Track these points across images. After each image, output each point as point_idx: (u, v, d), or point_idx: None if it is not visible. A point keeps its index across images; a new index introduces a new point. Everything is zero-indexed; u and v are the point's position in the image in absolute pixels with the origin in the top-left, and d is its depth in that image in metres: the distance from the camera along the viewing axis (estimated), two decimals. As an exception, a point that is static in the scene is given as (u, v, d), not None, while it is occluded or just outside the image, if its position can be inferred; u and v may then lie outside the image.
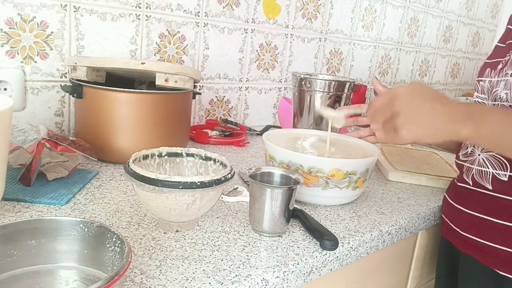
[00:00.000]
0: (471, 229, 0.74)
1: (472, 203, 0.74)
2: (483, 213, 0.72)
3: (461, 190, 0.78)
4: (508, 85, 0.68)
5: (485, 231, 0.71)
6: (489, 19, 2.44)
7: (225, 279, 0.52)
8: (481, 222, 0.72)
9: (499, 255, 0.69)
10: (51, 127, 1.02)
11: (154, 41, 1.14)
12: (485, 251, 0.71)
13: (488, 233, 0.71)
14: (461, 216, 0.76)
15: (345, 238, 0.67)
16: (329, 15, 1.58)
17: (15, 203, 0.66)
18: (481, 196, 0.72)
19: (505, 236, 0.68)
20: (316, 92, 1.04)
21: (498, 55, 0.75)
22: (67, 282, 0.48)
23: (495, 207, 0.70)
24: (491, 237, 0.70)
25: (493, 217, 0.70)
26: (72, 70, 0.88)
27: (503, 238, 0.68)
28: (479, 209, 0.73)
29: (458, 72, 2.39)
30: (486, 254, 0.71)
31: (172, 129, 0.92)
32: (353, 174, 0.75)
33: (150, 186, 0.56)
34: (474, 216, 0.73)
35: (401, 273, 0.91)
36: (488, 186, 0.71)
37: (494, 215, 0.70)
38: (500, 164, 0.69)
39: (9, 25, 0.92)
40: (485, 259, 0.71)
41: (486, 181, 0.71)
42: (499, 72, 0.71)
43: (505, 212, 0.68)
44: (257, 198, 0.64)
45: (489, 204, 0.71)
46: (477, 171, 0.73)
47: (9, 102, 0.56)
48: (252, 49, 1.38)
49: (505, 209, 0.69)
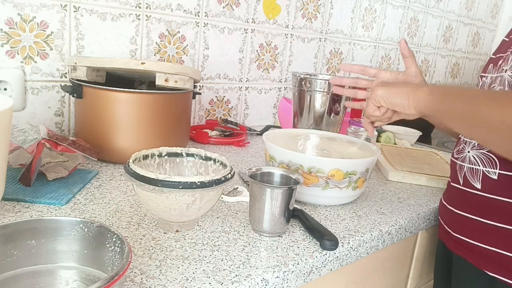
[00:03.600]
0: (462, 230, 0.73)
1: (462, 203, 0.73)
2: (473, 214, 0.71)
3: (452, 190, 0.77)
4: (503, 81, 0.67)
5: (476, 232, 0.70)
6: (489, 19, 2.44)
7: (225, 279, 0.52)
8: (472, 223, 0.71)
9: (490, 257, 0.68)
10: (51, 127, 1.02)
11: (154, 41, 1.14)
12: (476, 252, 0.70)
13: (479, 234, 0.70)
14: (453, 218, 0.75)
15: (345, 238, 0.67)
16: (329, 15, 1.58)
17: (15, 203, 0.66)
18: (470, 196, 0.71)
19: (496, 238, 0.67)
20: (316, 92, 1.04)
21: (501, 50, 0.74)
22: (67, 282, 0.48)
23: (485, 208, 0.69)
24: (481, 238, 0.69)
25: (483, 217, 0.69)
26: (72, 70, 0.88)
27: (493, 239, 0.67)
28: (469, 209, 0.72)
29: (458, 72, 2.39)
30: (477, 256, 0.70)
31: (172, 129, 0.92)
32: (353, 174, 0.75)
33: (150, 186, 0.56)
34: (465, 217, 0.72)
35: (401, 273, 0.91)
36: (478, 185, 0.70)
37: (484, 215, 0.69)
38: (489, 161, 0.68)
39: (9, 25, 0.92)
40: (477, 261, 0.70)
41: (477, 179, 0.70)
42: (498, 67, 0.71)
43: (495, 212, 0.67)
44: (257, 198, 0.64)
45: (479, 205, 0.70)
46: (468, 169, 0.72)
47: (9, 102, 0.56)
48: (252, 49, 1.38)
49: (494, 210, 0.67)
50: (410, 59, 0.85)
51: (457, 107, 0.61)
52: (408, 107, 0.71)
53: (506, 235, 0.66)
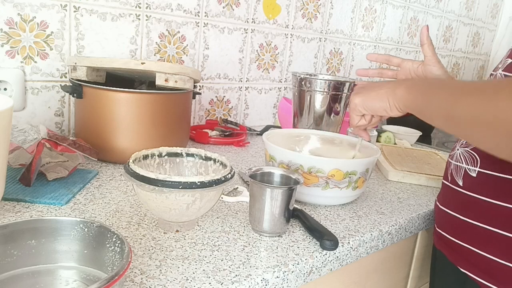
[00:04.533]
0: (444, 226, 0.73)
1: (448, 200, 0.73)
2: (453, 210, 0.71)
3: (443, 187, 0.77)
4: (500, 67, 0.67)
5: (455, 229, 0.70)
6: (489, 19, 2.44)
7: (225, 279, 0.52)
8: (452, 219, 0.71)
9: (463, 253, 0.68)
10: (51, 127, 1.02)
11: (154, 41, 1.14)
12: (454, 248, 0.70)
13: (457, 231, 0.70)
14: (440, 214, 0.76)
15: (345, 238, 0.67)
16: (329, 15, 1.58)
17: (15, 203, 0.66)
18: (454, 193, 0.71)
19: (470, 235, 0.67)
20: (316, 92, 1.04)
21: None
22: (67, 282, 0.48)
23: (464, 205, 0.69)
24: (458, 235, 0.69)
25: (461, 215, 0.69)
26: (72, 70, 0.88)
27: (467, 236, 0.67)
28: (451, 206, 0.72)
29: (458, 72, 2.39)
30: (452, 251, 0.70)
31: (172, 129, 0.92)
32: (353, 174, 0.75)
33: (150, 186, 0.56)
34: (447, 213, 0.72)
35: (401, 273, 0.91)
36: (460, 182, 0.70)
37: (463, 213, 0.68)
38: (472, 159, 0.68)
39: (9, 25, 0.92)
40: (453, 256, 0.71)
41: (459, 177, 0.70)
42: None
43: (472, 210, 0.67)
44: (257, 198, 0.64)
45: (459, 202, 0.70)
46: (454, 167, 0.72)
47: (9, 102, 0.56)
48: (252, 49, 1.38)
49: (472, 207, 0.67)
50: (427, 47, 0.85)
51: (438, 102, 0.56)
52: (390, 109, 0.68)
53: (480, 234, 0.65)
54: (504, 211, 0.62)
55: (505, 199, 0.62)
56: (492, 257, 0.63)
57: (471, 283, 0.66)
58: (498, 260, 0.62)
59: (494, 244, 0.63)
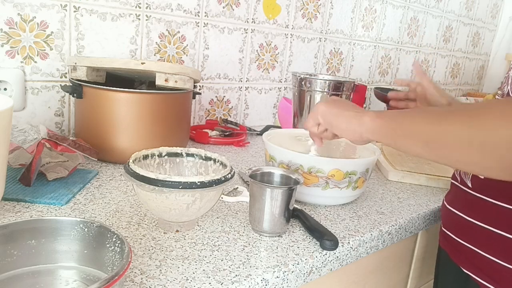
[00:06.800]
0: (450, 226, 0.73)
1: (454, 200, 0.74)
2: (459, 211, 0.71)
3: (451, 187, 0.77)
4: (509, 79, 0.67)
5: (460, 229, 0.70)
6: (489, 19, 2.44)
7: (225, 279, 0.52)
8: (458, 219, 0.70)
9: (466, 254, 0.68)
10: (51, 127, 1.02)
11: (154, 41, 1.14)
12: (456, 247, 0.70)
13: (462, 230, 0.70)
14: (447, 214, 0.75)
15: (345, 238, 0.67)
16: (329, 15, 1.58)
17: (15, 203, 0.66)
18: (462, 194, 0.71)
19: (474, 235, 0.67)
20: (316, 92, 1.04)
21: None
22: (67, 282, 0.48)
23: (471, 205, 0.69)
24: (462, 234, 0.69)
25: (467, 215, 0.68)
26: (72, 70, 0.88)
27: (471, 237, 0.67)
28: (458, 206, 0.72)
29: (458, 72, 2.39)
30: (456, 251, 0.71)
31: (172, 129, 0.92)
32: (353, 174, 0.75)
33: (150, 186, 0.56)
34: (454, 213, 0.72)
35: (401, 273, 0.91)
36: (469, 183, 0.70)
37: (469, 213, 0.68)
38: None
39: (9, 25, 0.92)
40: (456, 256, 0.71)
41: (468, 178, 0.70)
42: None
43: (478, 211, 0.67)
44: (257, 198, 0.64)
45: (466, 202, 0.70)
46: None
47: (9, 102, 0.56)
48: (252, 49, 1.38)
49: (478, 208, 0.67)
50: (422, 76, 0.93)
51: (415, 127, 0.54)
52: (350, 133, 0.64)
53: (483, 235, 0.65)
54: (509, 213, 0.62)
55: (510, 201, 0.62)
56: (494, 259, 0.63)
57: (473, 284, 0.66)
58: (501, 262, 0.62)
59: (497, 245, 0.63)
